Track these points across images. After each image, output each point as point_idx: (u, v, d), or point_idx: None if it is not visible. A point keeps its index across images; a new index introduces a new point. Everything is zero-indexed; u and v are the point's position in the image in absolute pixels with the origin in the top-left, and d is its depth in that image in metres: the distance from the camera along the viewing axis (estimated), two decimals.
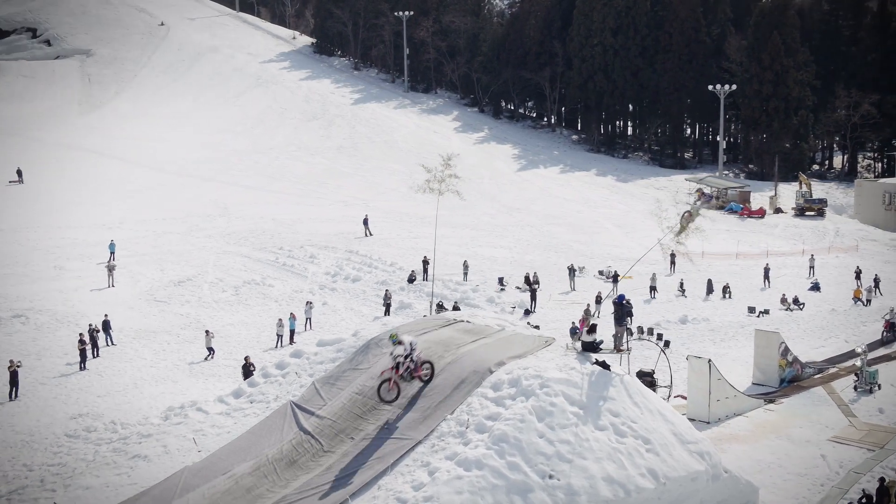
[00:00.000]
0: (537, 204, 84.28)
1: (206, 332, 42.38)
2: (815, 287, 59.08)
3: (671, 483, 23.61)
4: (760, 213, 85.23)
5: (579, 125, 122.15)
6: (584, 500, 22.34)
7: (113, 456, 26.44)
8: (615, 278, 56.38)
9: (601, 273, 58.62)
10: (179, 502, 23.25)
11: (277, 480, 23.52)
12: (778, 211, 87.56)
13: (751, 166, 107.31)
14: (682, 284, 56.76)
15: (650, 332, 42.60)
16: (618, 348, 26.53)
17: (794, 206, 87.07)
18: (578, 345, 26.14)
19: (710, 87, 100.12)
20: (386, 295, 50.74)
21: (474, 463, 22.41)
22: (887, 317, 44.58)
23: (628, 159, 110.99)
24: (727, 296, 56.19)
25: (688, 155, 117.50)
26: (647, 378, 37.08)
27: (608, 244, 69.56)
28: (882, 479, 27.59)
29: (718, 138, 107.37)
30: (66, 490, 24.91)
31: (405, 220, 73.18)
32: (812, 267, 63.21)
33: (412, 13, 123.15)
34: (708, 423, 33.98)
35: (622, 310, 26.68)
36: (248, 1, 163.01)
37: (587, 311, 47.42)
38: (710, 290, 56.56)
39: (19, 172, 78.45)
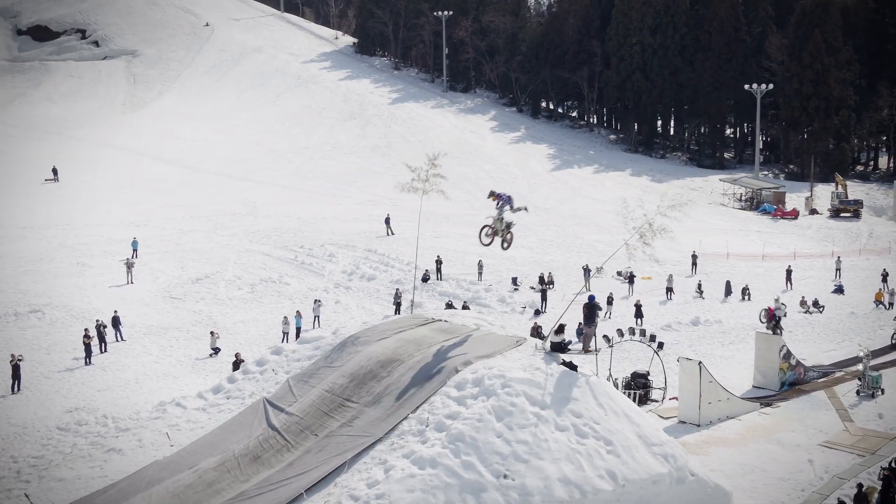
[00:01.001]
0: (567, 204, 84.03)
1: (211, 333, 42.90)
2: (839, 290, 58.16)
3: (631, 485, 23.49)
4: (794, 215, 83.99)
5: (617, 125, 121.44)
6: (538, 501, 22.34)
7: (90, 449, 27.06)
8: (631, 279, 56.07)
9: (619, 274, 58.22)
10: (144, 495, 23.71)
11: (239, 475, 23.88)
12: (813, 212, 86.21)
13: (791, 167, 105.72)
14: (699, 286, 56.22)
15: (643, 333, 42.21)
16: (586, 349, 26.39)
17: (830, 207, 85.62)
18: (548, 345, 26.13)
19: (747, 87, 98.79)
20: (396, 294, 51.07)
21: (428, 461, 22.56)
22: (772, 306, 41.97)
23: (666, 159, 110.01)
24: (746, 298, 55.53)
25: (728, 155, 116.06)
26: (642, 380, 37.05)
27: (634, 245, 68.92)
28: (860, 486, 27.18)
29: (756, 138, 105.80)
30: (40, 482, 25.55)
31: (430, 218, 73.24)
32: (838, 269, 62.17)
33: (451, 13, 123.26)
34: (699, 425, 33.72)
35: (592, 310, 26.50)
36: (293, 2, 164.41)
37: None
38: (728, 291, 55.94)
39: (55, 171, 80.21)
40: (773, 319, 40.88)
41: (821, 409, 36.06)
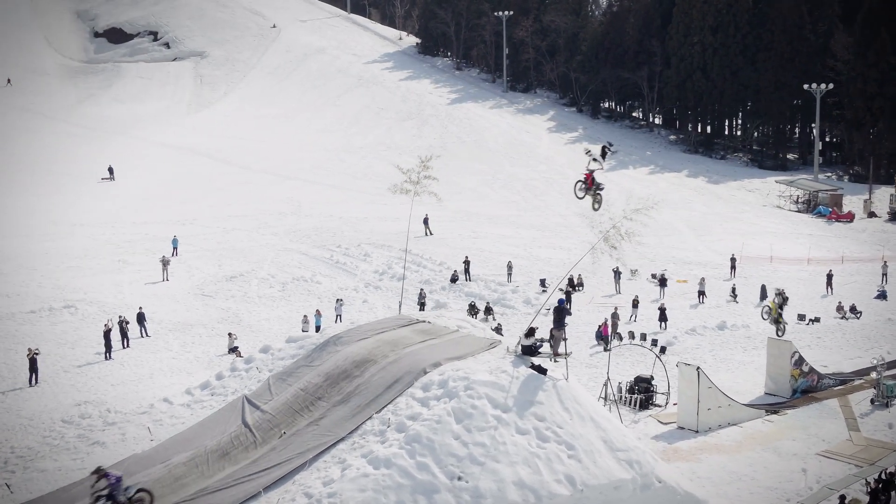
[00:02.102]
0: (615, 205, 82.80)
1: (230, 334, 43.47)
2: (882, 295, 56.63)
3: (590, 490, 23.37)
4: (849, 217, 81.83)
5: (678, 125, 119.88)
6: (490, 503, 22.42)
7: (76, 442, 27.94)
8: (662, 281, 55.41)
9: (654, 276, 57.57)
10: None
11: (206, 471, 24.41)
12: (872, 215, 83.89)
13: (855, 168, 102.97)
14: (734, 289, 55.24)
15: (643, 337, 41.78)
16: (556, 353, 26.27)
17: (889, 210, 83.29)
18: (519, 348, 26.11)
19: (806, 86, 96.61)
20: (420, 294, 51.39)
21: (383, 462, 22.77)
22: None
23: (726, 160, 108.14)
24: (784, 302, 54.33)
25: (793, 156, 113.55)
26: (644, 384, 36.71)
27: (675, 247, 68.18)
28: (842, 498, 26.60)
29: (816, 139, 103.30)
30: (24, 472, 26.49)
31: (472, 219, 73.65)
32: (885, 274, 60.50)
33: (512, 13, 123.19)
34: (697, 431, 33.37)
35: (560, 314, 26.38)
36: (360, 3, 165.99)
37: (615, 315, 46.87)
38: (763, 295, 54.83)
39: (110, 170, 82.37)
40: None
41: (829, 417, 35.36)
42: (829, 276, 57.77)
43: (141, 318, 44.86)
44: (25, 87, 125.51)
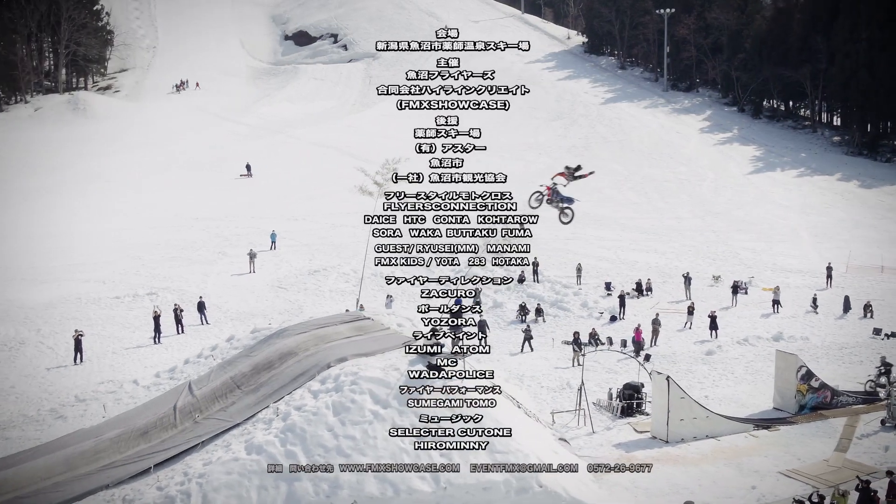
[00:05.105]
0: (743, 209, 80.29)
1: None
2: None
3: (454, 489, 23.95)
4: None
5: (843, 125, 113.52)
6: (346, 494, 23.42)
7: (45, 414, 30.81)
8: (735, 289, 53.55)
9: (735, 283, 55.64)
10: (47, 458, 27.02)
11: (122, 447, 26.66)
12: None
13: None
14: (815, 300, 52.58)
15: (623, 343, 40.60)
16: None
17: None
18: None
19: None
20: (475, 293, 52.21)
21: (255, 448, 24.26)
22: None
23: (891, 163, 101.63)
24: (868, 315, 51.42)
25: None
26: (630, 391, 36.24)
27: (783, 254, 65.35)
28: None
29: None
30: None
31: (578, 221, 72.93)
32: None
33: (674, 10, 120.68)
34: (666, 441, 32.72)
35: None
36: (535, 2, 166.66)
37: (656, 321, 45.98)
38: (847, 307, 52.02)
39: (248, 167, 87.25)
40: None
41: (822, 436, 33.68)
42: None
43: (201, 307, 48.04)
44: (213, 87, 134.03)
